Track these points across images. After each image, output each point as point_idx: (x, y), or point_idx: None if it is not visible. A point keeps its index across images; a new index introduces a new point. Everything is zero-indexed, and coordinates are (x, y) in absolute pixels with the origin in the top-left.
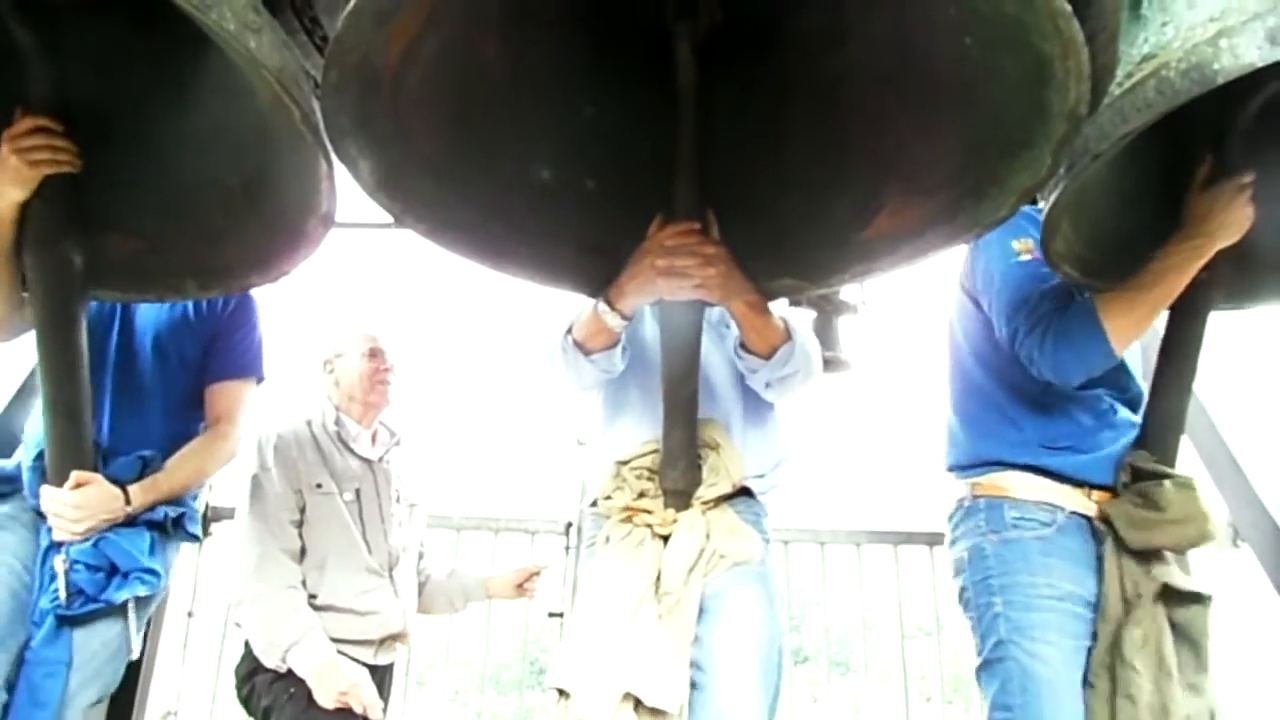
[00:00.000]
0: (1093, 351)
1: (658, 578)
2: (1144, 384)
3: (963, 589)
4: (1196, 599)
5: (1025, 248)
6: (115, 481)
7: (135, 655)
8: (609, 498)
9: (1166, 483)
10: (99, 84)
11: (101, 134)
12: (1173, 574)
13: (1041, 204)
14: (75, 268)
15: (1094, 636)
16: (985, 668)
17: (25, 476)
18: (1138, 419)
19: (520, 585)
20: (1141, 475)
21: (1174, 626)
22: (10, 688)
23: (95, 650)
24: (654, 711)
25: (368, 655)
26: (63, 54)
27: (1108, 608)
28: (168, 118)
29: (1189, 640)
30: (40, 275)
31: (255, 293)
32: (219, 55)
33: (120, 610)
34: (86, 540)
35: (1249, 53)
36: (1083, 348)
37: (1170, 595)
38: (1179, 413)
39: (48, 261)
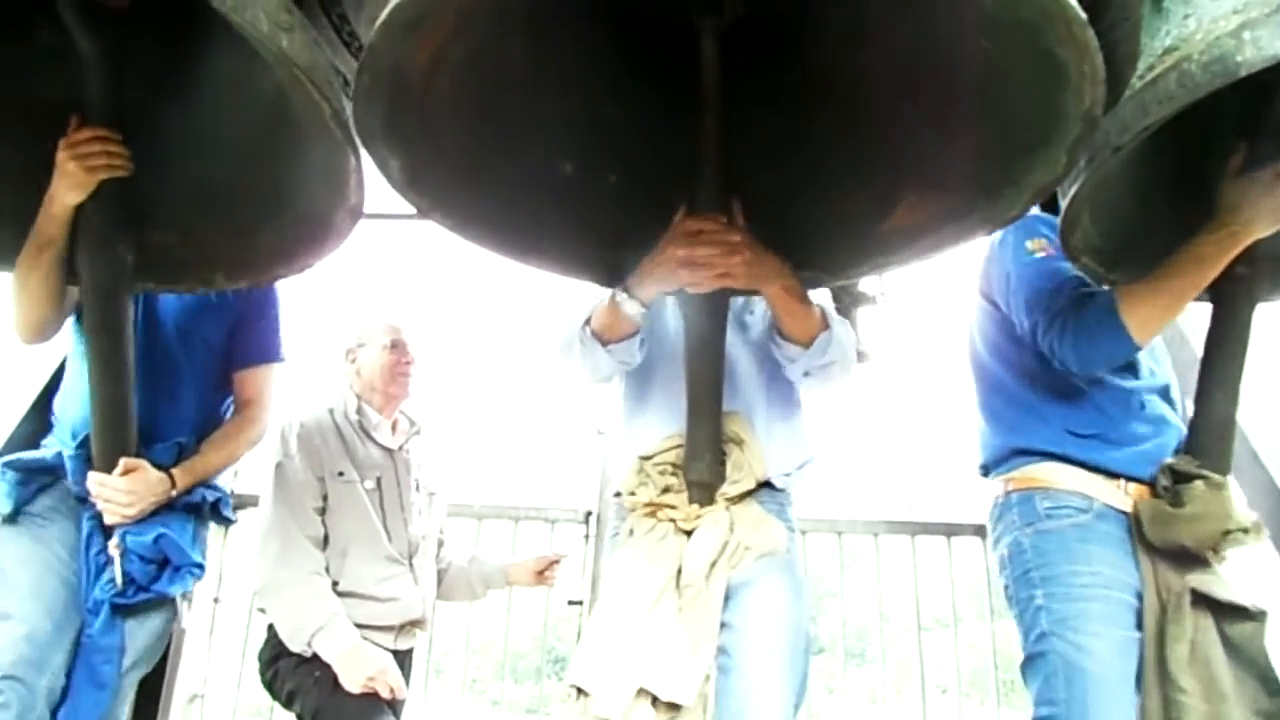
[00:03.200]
0: (1113, 342)
1: (679, 571)
2: (1171, 375)
3: (1006, 586)
4: (1247, 614)
5: (1039, 246)
6: (157, 466)
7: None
8: (633, 493)
9: (1198, 483)
10: (138, 82)
11: (138, 130)
12: (1210, 582)
13: (1061, 198)
14: (128, 267)
15: (1144, 629)
16: (1029, 663)
17: (69, 465)
18: (1173, 414)
19: (540, 573)
20: (1181, 479)
21: (1228, 644)
22: (68, 673)
23: (144, 636)
24: (670, 706)
25: (388, 641)
26: (114, 57)
27: (1147, 615)
28: (201, 112)
29: (1248, 661)
30: (94, 275)
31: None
32: (250, 51)
33: (170, 600)
34: (144, 533)
35: (1273, 44)
36: (1103, 339)
37: (1216, 607)
38: (1228, 416)
39: (102, 262)
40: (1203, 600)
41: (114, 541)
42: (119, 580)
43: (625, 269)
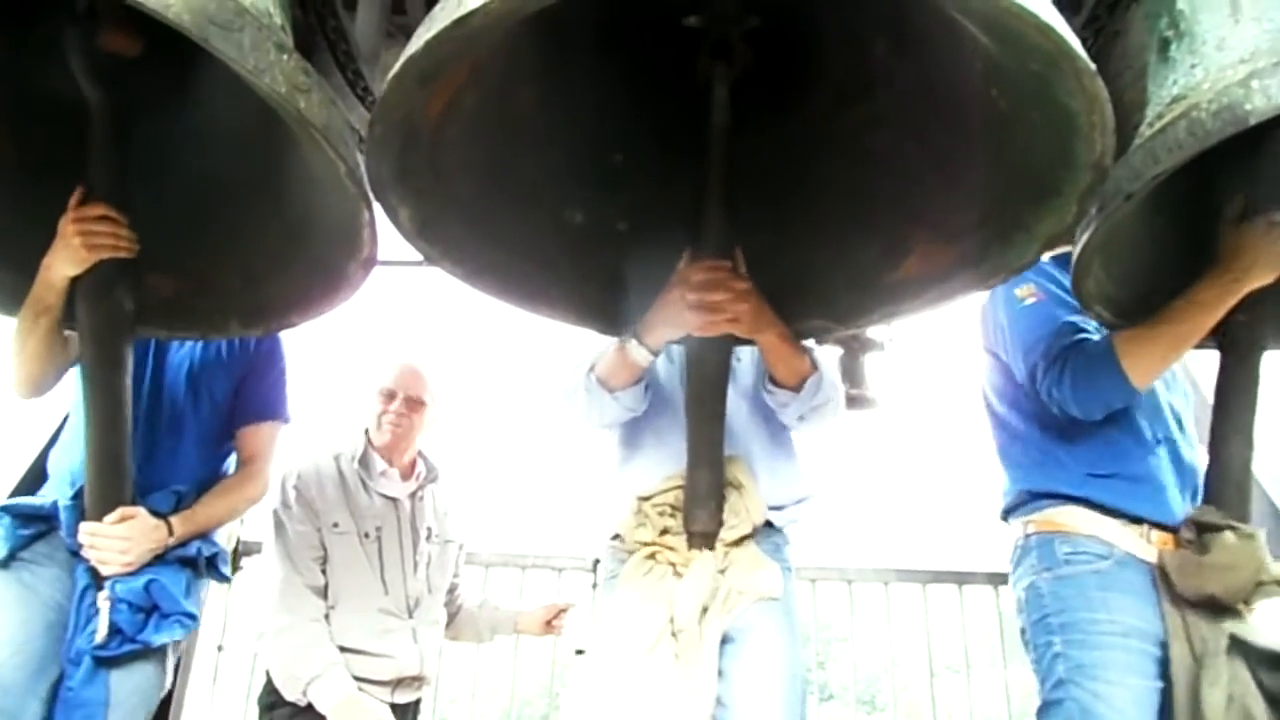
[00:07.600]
0: (1111, 387)
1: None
2: (1189, 418)
3: (1023, 630)
4: None
5: (1028, 292)
6: (153, 514)
7: (165, 690)
8: (631, 534)
9: (1227, 533)
10: (150, 128)
11: (151, 174)
12: (1246, 629)
13: (1071, 246)
14: (126, 313)
15: (1167, 679)
16: (1044, 709)
17: (63, 515)
18: (1191, 457)
19: (549, 623)
20: (1205, 530)
21: (1266, 694)
22: None
23: (131, 689)
24: None
25: (384, 695)
26: (122, 104)
27: (1177, 668)
28: (216, 161)
29: None
30: (91, 321)
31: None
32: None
33: (158, 652)
34: (135, 579)
35: None
36: (1101, 383)
37: (1253, 655)
38: (1243, 463)
39: (100, 308)
40: (1239, 648)
41: (104, 593)
42: (102, 632)
43: (628, 315)
